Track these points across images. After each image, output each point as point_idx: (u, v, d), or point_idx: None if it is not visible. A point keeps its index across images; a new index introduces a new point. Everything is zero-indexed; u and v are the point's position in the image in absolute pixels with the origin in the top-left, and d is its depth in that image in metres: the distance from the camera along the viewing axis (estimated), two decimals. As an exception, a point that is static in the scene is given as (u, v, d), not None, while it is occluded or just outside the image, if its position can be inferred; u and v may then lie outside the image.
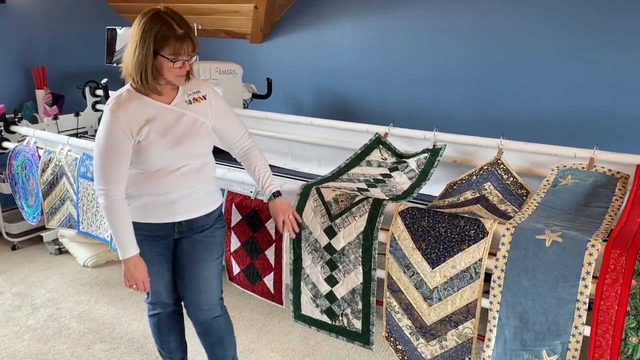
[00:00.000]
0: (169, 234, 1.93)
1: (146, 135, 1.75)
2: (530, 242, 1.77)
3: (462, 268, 1.90)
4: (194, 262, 1.98)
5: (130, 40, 1.72)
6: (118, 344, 2.61)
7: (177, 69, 1.72)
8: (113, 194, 1.77)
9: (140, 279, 1.86)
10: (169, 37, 1.67)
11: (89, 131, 3.88)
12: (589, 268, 1.68)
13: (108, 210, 1.78)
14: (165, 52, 1.68)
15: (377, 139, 2.77)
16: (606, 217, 2.00)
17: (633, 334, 1.62)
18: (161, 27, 1.67)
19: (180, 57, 1.71)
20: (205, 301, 2.02)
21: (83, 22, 4.45)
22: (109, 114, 1.74)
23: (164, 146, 1.77)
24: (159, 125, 1.77)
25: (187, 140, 1.81)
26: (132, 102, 1.76)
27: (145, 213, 1.87)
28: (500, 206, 2.19)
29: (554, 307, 1.73)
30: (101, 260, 3.39)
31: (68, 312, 2.88)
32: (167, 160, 1.80)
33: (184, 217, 1.90)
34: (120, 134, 1.73)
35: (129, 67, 1.72)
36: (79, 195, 2.94)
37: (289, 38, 4.31)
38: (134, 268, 1.84)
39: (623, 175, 2.20)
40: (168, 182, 1.82)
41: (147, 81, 1.72)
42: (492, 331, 1.85)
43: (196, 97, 1.87)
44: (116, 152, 1.74)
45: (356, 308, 2.18)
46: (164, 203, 1.85)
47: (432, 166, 2.50)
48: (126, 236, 1.81)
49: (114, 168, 1.75)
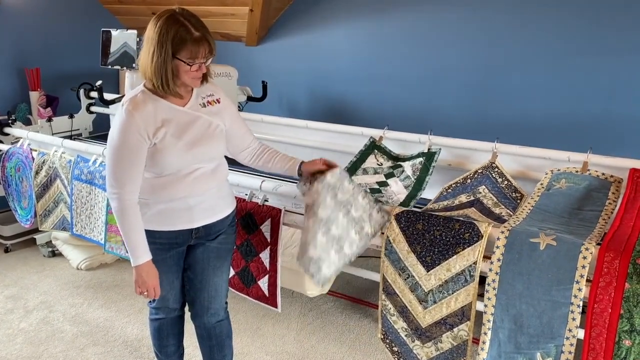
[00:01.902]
0: (186, 241, 1.89)
1: (162, 138, 1.71)
2: (524, 245, 1.78)
3: (456, 271, 1.90)
4: (206, 269, 1.96)
5: (146, 43, 1.68)
6: (112, 347, 2.60)
7: (194, 71, 1.69)
8: (127, 197, 1.72)
9: (152, 286, 1.81)
10: (185, 40, 1.63)
11: (83, 133, 3.87)
12: (582, 271, 1.68)
13: (121, 215, 1.73)
14: (182, 55, 1.65)
15: (372, 143, 2.79)
16: (600, 220, 2.01)
17: (626, 336, 1.63)
18: (178, 30, 1.63)
19: (197, 60, 1.68)
20: (213, 306, 2.01)
21: (77, 23, 4.44)
22: (125, 114, 1.69)
23: (180, 149, 1.74)
24: (175, 127, 1.74)
25: (203, 143, 1.78)
26: (148, 103, 1.71)
27: (162, 220, 1.82)
28: (495, 209, 2.20)
29: (548, 310, 1.74)
30: (95, 263, 3.38)
31: (61, 315, 2.86)
32: (182, 163, 1.76)
33: (201, 223, 1.86)
34: (137, 136, 1.68)
35: (148, 70, 1.68)
36: (72, 198, 2.92)
37: (284, 41, 4.32)
38: (146, 275, 1.78)
39: (616, 179, 2.21)
40: (183, 186, 1.78)
41: (167, 85, 1.69)
42: (486, 334, 1.86)
43: (210, 100, 1.85)
44: (132, 154, 1.69)
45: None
46: (181, 209, 1.81)
47: (427, 173, 2.52)
48: (139, 242, 1.75)
49: (128, 170, 1.71)
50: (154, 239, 1.82)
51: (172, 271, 1.93)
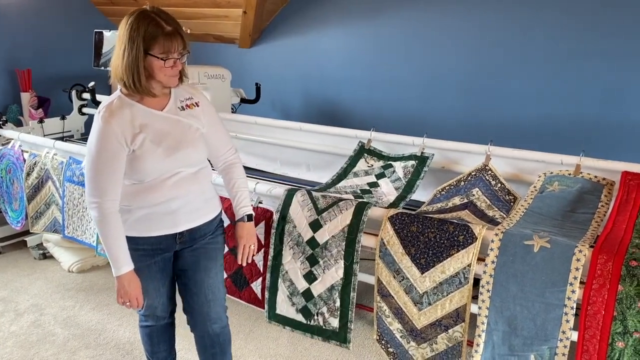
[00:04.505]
0: (170, 246, 1.84)
1: (141, 144, 1.67)
2: (518, 247, 1.78)
3: (451, 273, 1.91)
4: (198, 271, 1.90)
5: (117, 42, 1.65)
6: (104, 350, 2.58)
7: (168, 68, 1.65)
8: (107, 206, 1.68)
9: (134, 296, 1.76)
10: (157, 35, 1.60)
11: (75, 135, 3.84)
12: (576, 273, 1.69)
13: (101, 224, 1.69)
14: (155, 50, 1.62)
15: (361, 147, 2.80)
16: (593, 223, 2.03)
17: (620, 338, 1.64)
18: (149, 25, 1.60)
19: (171, 55, 1.64)
20: (214, 311, 1.95)
21: (70, 24, 4.41)
22: (101, 122, 1.65)
23: (160, 155, 1.70)
24: (153, 133, 1.69)
25: (183, 147, 1.74)
26: (124, 109, 1.68)
27: (144, 226, 1.77)
28: (488, 212, 2.20)
29: (542, 312, 1.74)
30: (86, 266, 3.35)
31: (52, 317, 2.84)
32: (162, 169, 1.72)
33: (185, 227, 1.82)
34: (115, 143, 1.65)
35: (119, 69, 1.64)
36: (64, 200, 2.90)
37: (277, 43, 4.32)
38: (128, 284, 1.74)
39: (609, 182, 2.23)
40: (164, 190, 1.74)
41: (140, 83, 1.64)
42: (480, 336, 1.86)
43: (189, 104, 1.80)
44: (110, 162, 1.66)
45: (333, 306, 2.19)
46: (164, 214, 1.77)
47: (419, 177, 2.53)
48: (120, 251, 1.71)
49: (108, 179, 1.67)
50: (137, 245, 1.78)
51: (157, 278, 1.88)
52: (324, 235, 2.18)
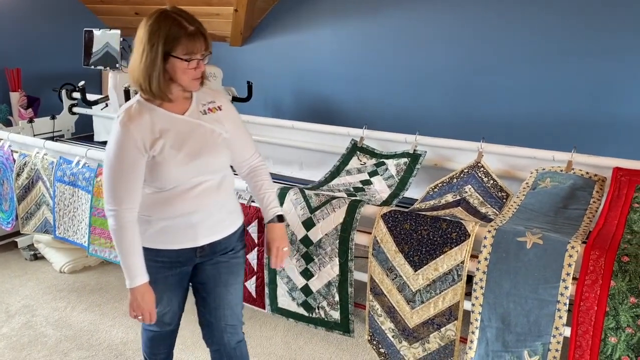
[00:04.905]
0: (190, 260, 1.77)
1: (161, 150, 1.60)
2: (511, 244, 1.79)
3: (444, 270, 1.91)
4: (218, 285, 1.84)
5: (136, 45, 1.58)
6: (96, 351, 2.56)
7: (192, 70, 1.58)
8: (125, 215, 1.61)
9: (148, 310, 1.68)
10: (180, 36, 1.54)
11: (65, 134, 3.81)
12: (569, 269, 1.70)
13: (118, 234, 1.62)
14: (177, 52, 1.55)
15: (354, 145, 2.80)
16: (585, 219, 2.03)
17: (612, 334, 1.65)
18: (171, 26, 1.53)
19: (194, 56, 1.57)
20: (232, 327, 1.89)
21: (59, 23, 4.38)
22: (120, 127, 1.58)
23: (181, 161, 1.62)
24: (174, 138, 1.62)
25: (205, 153, 1.66)
26: (144, 114, 1.61)
27: (164, 239, 1.70)
28: (481, 209, 2.21)
29: (535, 308, 1.75)
30: (78, 266, 3.33)
31: (44, 319, 2.82)
32: (184, 176, 1.65)
33: (206, 241, 1.74)
34: (133, 149, 1.58)
35: (135, 72, 1.58)
36: (55, 200, 2.88)
37: (269, 41, 4.30)
38: (141, 298, 1.66)
39: (600, 178, 2.24)
40: (187, 201, 1.67)
41: (157, 87, 1.58)
42: (474, 333, 1.87)
43: (211, 108, 1.73)
44: (129, 168, 1.59)
45: (332, 300, 2.20)
46: (184, 227, 1.70)
47: (411, 174, 2.54)
48: (136, 263, 1.64)
49: (126, 187, 1.60)
50: (157, 257, 1.72)
51: (172, 290, 1.82)
52: (318, 233, 2.18)
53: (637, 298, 1.61)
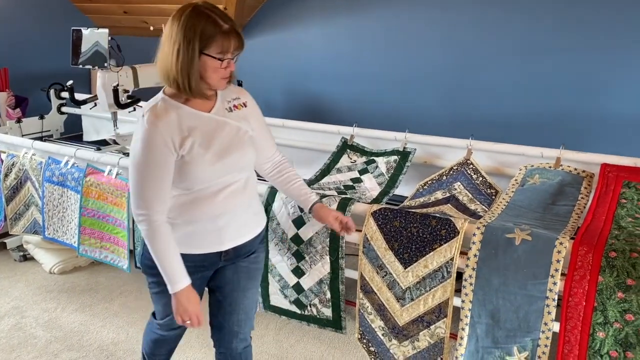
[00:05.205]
0: (214, 263, 1.74)
1: (190, 149, 1.56)
2: (500, 240, 1.79)
3: (434, 267, 1.91)
4: (235, 290, 1.81)
5: (166, 41, 1.53)
6: (87, 352, 2.55)
7: (223, 69, 1.55)
8: (156, 218, 1.56)
9: (194, 313, 1.63)
10: (214, 34, 1.49)
11: (54, 134, 3.78)
12: (557, 265, 1.71)
13: (152, 239, 1.57)
14: (211, 50, 1.50)
15: (344, 143, 2.80)
16: (573, 215, 2.05)
17: (600, 329, 1.66)
18: (206, 24, 1.49)
19: (227, 56, 1.54)
20: (243, 332, 1.87)
21: (47, 22, 4.34)
22: (148, 126, 1.52)
23: (209, 160, 1.58)
24: (202, 136, 1.58)
25: (233, 151, 1.63)
26: (170, 111, 1.55)
27: (190, 243, 1.66)
28: (470, 206, 2.22)
29: (524, 304, 1.76)
30: (68, 267, 3.31)
31: (34, 320, 2.80)
32: (212, 176, 1.61)
33: (231, 244, 1.72)
34: (162, 148, 1.53)
35: (172, 70, 1.52)
36: (44, 200, 2.86)
37: (259, 39, 4.29)
38: (187, 301, 1.61)
39: (588, 174, 2.26)
40: (216, 204, 1.64)
41: (195, 85, 1.53)
42: (464, 329, 1.87)
43: (237, 104, 1.70)
44: (158, 169, 1.54)
45: (324, 298, 2.22)
46: (211, 231, 1.67)
47: (401, 172, 2.55)
48: (176, 266, 1.59)
49: (156, 188, 1.55)
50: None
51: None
52: (308, 231, 2.18)
53: (624, 293, 1.62)
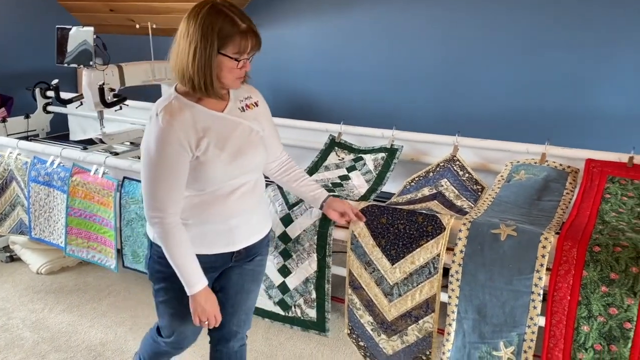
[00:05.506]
0: (224, 264, 1.73)
1: (205, 149, 1.52)
2: (486, 236, 1.81)
3: (421, 263, 1.92)
4: (239, 292, 1.80)
5: (182, 39, 1.49)
6: (74, 352, 2.53)
7: (238, 69, 1.52)
8: (171, 220, 1.53)
9: (212, 313, 1.63)
10: (232, 34, 1.46)
11: (40, 134, 3.75)
12: (542, 260, 1.72)
13: (167, 241, 1.54)
14: (228, 50, 1.47)
15: (332, 141, 2.81)
16: (558, 210, 2.06)
17: (585, 322, 1.68)
18: (224, 23, 1.45)
19: (243, 56, 1.51)
20: (241, 331, 1.87)
21: (32, 21, 4.30)
22: (163, 124, 1.48)
23: (224, 160, 1.55)
24: (216, 137, 1.55)
25: (246, 152, 1.60)
26: (185, 110, 1.52)
27: (202, 244, 1.64)
28: (457, 202, 2.23)
29: (510, 299, 1.77)
30: (55, 267, 3.29)
31: (21, 321, 2.78)
32: (226, 176, 1.59)
33: (243, 245, 1.70)
34: (178, 148, 1.49)
35: (189, 69, 1.48)
36: (30, 201, 2.84)
37: (246, 37, 4.28)
38: (205, 301, 1.60)
39: (573, 170, 2.28)
40: (229, 205, 1.62)
41: (212, 85, 1.50)
42: (451, 325, 1.89)
43: (249, 104, 1.68)
44: (173, 169, 1.50)
45: (309, 297, 2.21)
46: (223, 231, 1.65)
47: (389, 169, 2.56)
48: (193, 267, 1.57)
49: (170, 189, 1.52)
50: None
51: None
52: (296, 229, 2.18)
53: (608, 287, 1.64)
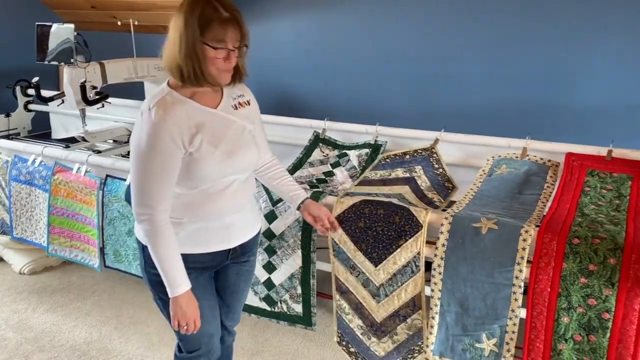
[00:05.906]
0: (221, 262, 1.71)
1: (199, 146, 1.50)
2: (467, 230, 1.82)
3: (402, 263, 1.94)
4: (235, 292, 1.82)
5: (171, 30, 1.47)
6: (58, 352, 2.52)
7: (220, 60, 1.46)
8: (160, 217, 1.49)
9: (193, 318, 1.57)
10: (211, 20, 1.42)
11: (21, 132, 3.71)
12: (523, 253, 1.75)
13: (155, 239, 1.50)
14: (207, 37, 1.43)
15: (316, 137, 2.81)
16: (539, 203, 2.09)
17: (565, 314, 1.71)
18: (205, 8, 1.43)
19: (225, 45, 1.45)
20: (233, 326, 1.92)
21: (12, 17, 4.24)
22: (155, 119, 1.44)
23: (217, 158, 1.53)
24: (210, 133, 1.52)
25: (238, 151, 1.58)
26: (178, 106, 1.48)
27: (198, 242, 1.62)
28: (428, 193, 2.25)
29: (492, 292, 1.79)
30: (39, 267, 3.26)
31: (3, 322, 2.75)
32: (219, 174, 1.56)
33: (238, 242, 1.69)
34: (170, 143, 1.45)
35: (176, 57, 1.45)
36: (11, 200, 2.81)
37: (229, 34, 4.26)
38: (186, 305, 1.55)
39: (554, 163, 2.30)
40: (222, 201, 1.59)
41: (200, 71, 1.45)
42: (434, 318, 1.90)
43: (241, 102, 1.65)
44: (165, 165, 1.47)
45: (295, 293, 2.22)
46: (218, 228, 1.63)
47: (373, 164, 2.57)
48: (178, 268, 1.53)
49: (161, 185, 1.48)
50: (188, 263, 1.58)
51: (209, 297, 1.72)
52: (280, 226, 2.18)
53: (587, 278, 1.67)
